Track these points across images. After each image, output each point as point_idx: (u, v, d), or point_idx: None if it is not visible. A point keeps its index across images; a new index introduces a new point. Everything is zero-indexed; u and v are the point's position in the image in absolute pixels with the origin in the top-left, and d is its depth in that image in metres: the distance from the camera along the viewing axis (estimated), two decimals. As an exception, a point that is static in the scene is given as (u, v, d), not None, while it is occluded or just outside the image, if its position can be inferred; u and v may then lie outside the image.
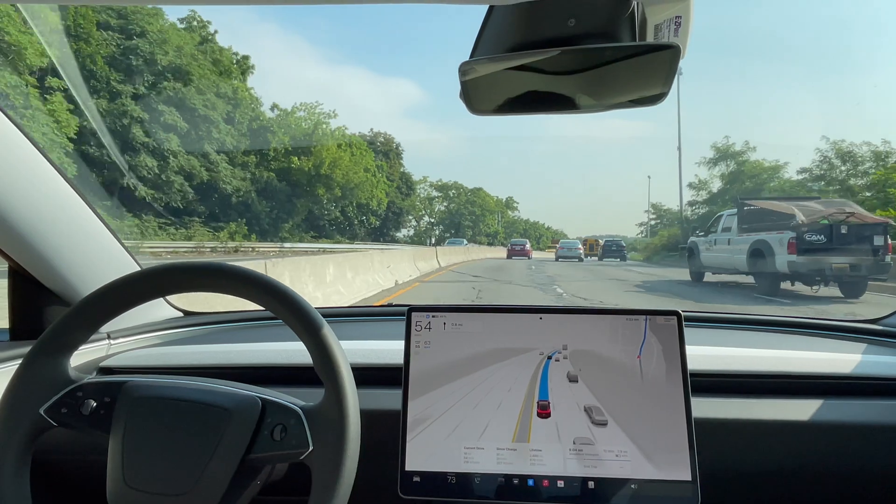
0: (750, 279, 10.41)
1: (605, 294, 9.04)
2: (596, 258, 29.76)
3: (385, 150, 56.07)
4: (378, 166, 49.00)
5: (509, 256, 28.13)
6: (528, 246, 30.10)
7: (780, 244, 9.07)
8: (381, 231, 53.44)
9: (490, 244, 58.40)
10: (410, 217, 63.76)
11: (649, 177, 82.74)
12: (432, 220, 69.76)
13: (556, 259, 26.52)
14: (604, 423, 0.79)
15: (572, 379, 0.82)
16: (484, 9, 0.56)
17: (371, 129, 58.72)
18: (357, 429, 0.64)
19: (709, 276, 12.16)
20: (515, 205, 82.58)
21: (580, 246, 28.02)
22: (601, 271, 15.69)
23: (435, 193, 70.80)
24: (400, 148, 58.68)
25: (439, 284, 10.55)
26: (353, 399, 0.65)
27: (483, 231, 69.60)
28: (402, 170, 58.24)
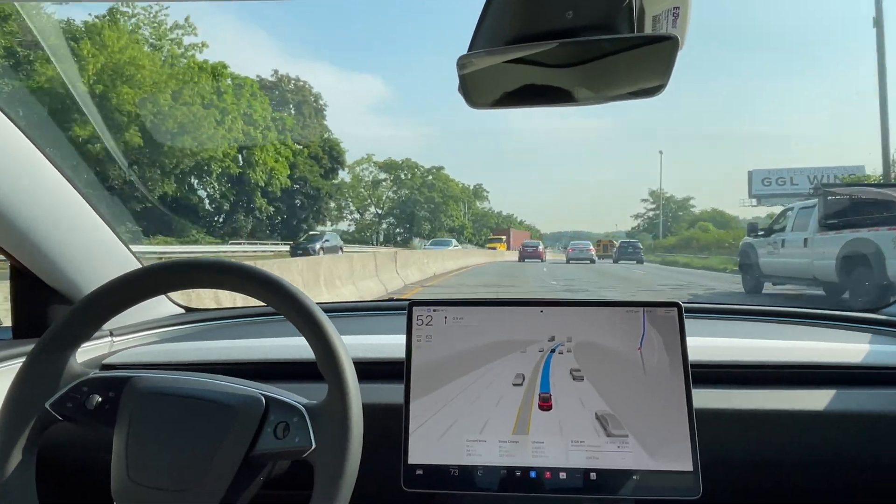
0: (819, 290, 7.95)
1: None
2: (610, 260, 28.92)
3: (297, 101, 36.04)
4: (277, 121, 30.37)
5: (521, 259, 27.77)
6: (540, 247, 29.76)
7: (894, 244, 6.46)
8: (289, 224, 32.67)
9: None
10: (346, 205, 46.20)
11: (661, 152, 71.80)
12: (379, 211, 52.40)
13: (568, 261, 25.92)
14: (624, 437, 0.79)
15: (577, 377, 0.82)
16: (481, 2, 0.56)
17: (275, 71, 39.56)
18: (360, 428, 0.65)
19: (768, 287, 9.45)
20: (485, 194, 66.87)
21: (591, 247, 27.46)
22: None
23: (382, 175, 52.83)
24: (321, 102, 38.39)
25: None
26: (357, 398, 0.65)
27: (445, 224, 52.49)
28: (325, 135, 36.36)
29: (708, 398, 0.87)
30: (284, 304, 0.69)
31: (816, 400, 0.88)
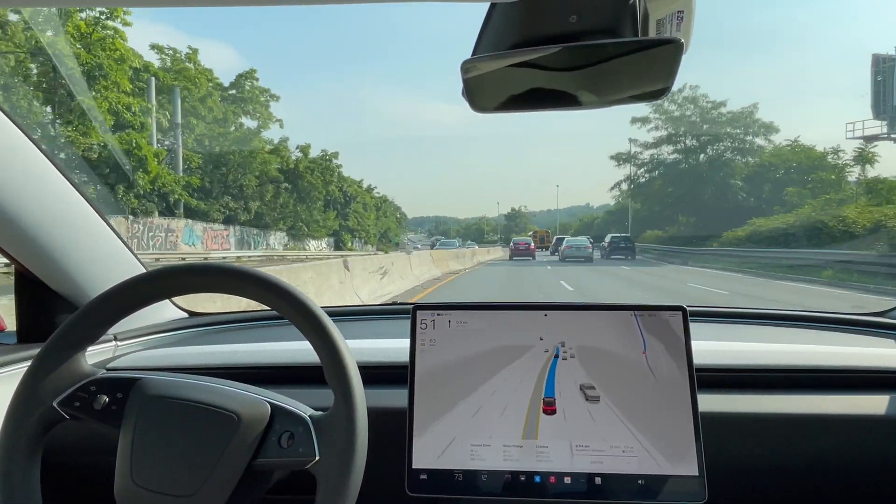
0: None
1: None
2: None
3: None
4: None
5: (511, 257, 26.23)
6: (532, 245, 28.50)
7: None
8: None
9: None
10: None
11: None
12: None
13: (563, 259, 24.05)
14: (630, 442, 0.79)
15: (592, 398, 0.80)
16: (484, 7, 0.56)
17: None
18: (364, 442, 0.64)
19: None
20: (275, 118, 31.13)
21: (589, 245, 25.55)
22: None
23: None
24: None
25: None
26: (363, 411, 0.65)
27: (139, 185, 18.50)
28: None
29: (714, 402, 0.86)
30: (290, 309, 0.68)
31: (821, 404, 0.88)
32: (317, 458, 0.63)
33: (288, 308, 0.68)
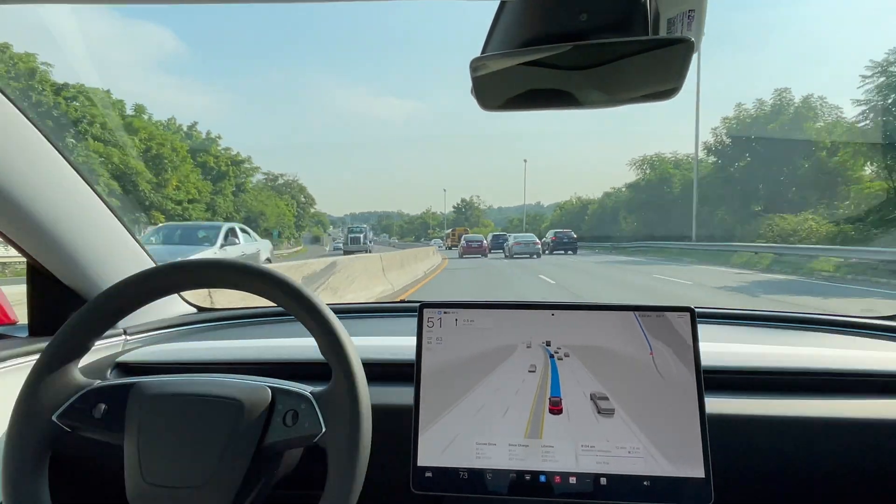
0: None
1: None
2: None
3: None
4: None
5: (462, 255, 24.95)
6: (484, 242, 27.34)
7: None
8: None
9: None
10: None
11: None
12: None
13: (512, 256, 23.06)
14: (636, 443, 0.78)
15: (605, 411, 0.79)
16: (494, 4, 0.56)
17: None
18: (368, 407, 0.65)
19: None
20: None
21: (537, 241, 24.36)
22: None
23: None
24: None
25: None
26: (362, 379, 0.66)
27: None
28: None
29: (721, 404, 0.86)
30: (289, 300, 0.70)
31: (831, 408, 0.87)
32: (323, 430, 0.65)
33: (285, 298, 0.70)
